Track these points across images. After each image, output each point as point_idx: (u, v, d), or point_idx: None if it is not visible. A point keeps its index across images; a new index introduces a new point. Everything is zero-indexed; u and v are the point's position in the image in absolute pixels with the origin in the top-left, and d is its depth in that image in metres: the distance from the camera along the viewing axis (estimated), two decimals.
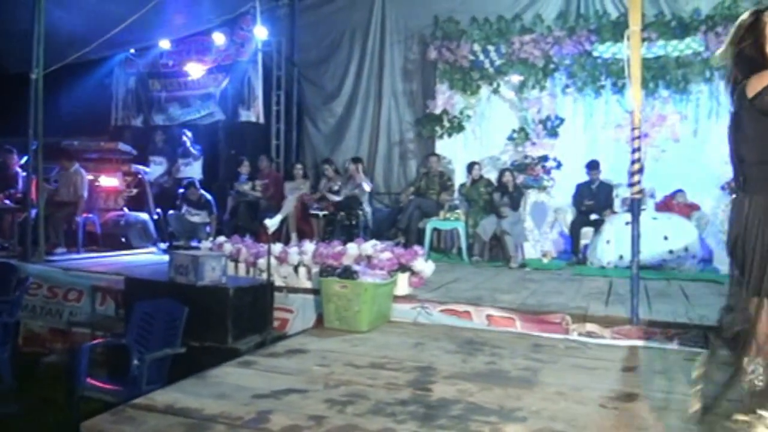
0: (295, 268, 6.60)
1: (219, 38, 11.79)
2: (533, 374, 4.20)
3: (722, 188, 8.75)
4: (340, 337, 5.18)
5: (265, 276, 5.99)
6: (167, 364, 4.88)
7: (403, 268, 6.26)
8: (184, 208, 10.19)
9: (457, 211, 9.48)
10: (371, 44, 11.76)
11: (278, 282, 6.44)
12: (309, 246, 6.75)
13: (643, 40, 7.32)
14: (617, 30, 9.09)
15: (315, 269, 6.34)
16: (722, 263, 8.39)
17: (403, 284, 6.22)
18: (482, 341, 5.07)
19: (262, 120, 11.86)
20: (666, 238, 8.29)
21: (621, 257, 8.08)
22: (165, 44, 12.10)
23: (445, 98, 10.59)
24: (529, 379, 4.08)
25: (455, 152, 10.77)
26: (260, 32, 11.17)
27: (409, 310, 5.87)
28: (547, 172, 9.81)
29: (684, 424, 3.30)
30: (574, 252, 9.27)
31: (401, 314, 5.86)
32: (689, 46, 9.18)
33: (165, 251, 8.79)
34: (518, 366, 4.38)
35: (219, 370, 4.20)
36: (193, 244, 9.01)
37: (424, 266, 6.49)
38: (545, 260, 9.18)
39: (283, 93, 12.27)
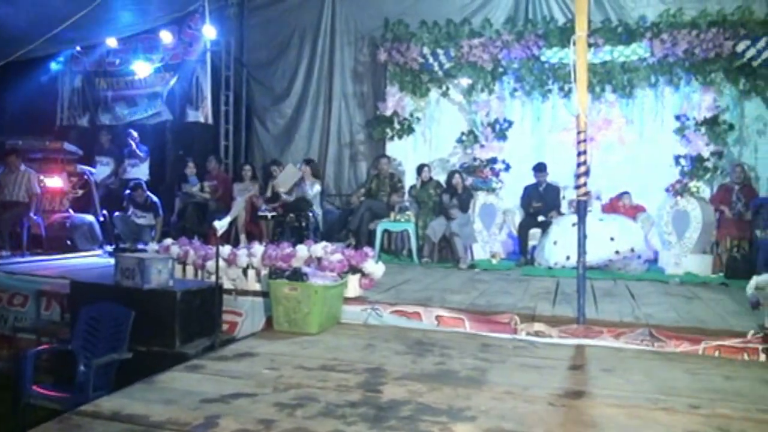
0: (244, 271, 6.55)
1: (167, 37, 11.59)
2: (482, 374, 4.22)
3: (667, 190, 8.94)
4: (289, 340, 5.14)
5: (213, 278, 5.91)
6: (114, 370, 4.81)
7: (354, 269, 6.24)
8: (131, 210, 10.01)
9: (408, 212, 9.51)
10: (321, 45, 11.73)
11: (227, 284, 6.38)
12: (258, 248, 6.68)
13: (590, 45, 7.49)
14: (564, 35, 9.25)
15: (264, 271, 6.29)
16: (667, 264, 8.61)
17: (353, 286, 6.21)
18: (432, 342, 5.09)
19: (210, 120, 11.72)
20: (612, 239, 8.43)
21: (568, 258, 8.19)
22: (112, 42, 11.83)
23: (395, 100, 10.63)
24: (478, 379, 4.11)
25: (405, 154, 10.81)
26: (209, 31, 11.04)
27: (359, 312, 5.86)
28: (496, 174, 9.93)
29: (630, 420, 3.37)
30: (522, 253, 9.39)
31: (352, 316, 5.85)
32: (635, 51, 9.39)
33: (111, 254, 8.63)
34: (467, 366, 4.40)
35: (167, 375, 4.13)
36: (140, 246, 8.85)
37: (375, 268, 6.47)
38: (494, 261, 9.27)
39: (231, 93, 12.19)
